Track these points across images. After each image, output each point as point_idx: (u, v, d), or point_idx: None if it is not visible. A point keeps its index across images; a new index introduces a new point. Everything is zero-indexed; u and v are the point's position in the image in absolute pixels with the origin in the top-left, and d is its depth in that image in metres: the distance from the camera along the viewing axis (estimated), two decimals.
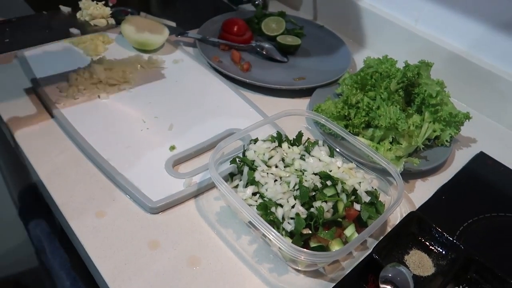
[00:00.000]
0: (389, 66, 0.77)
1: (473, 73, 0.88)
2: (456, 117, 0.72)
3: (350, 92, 0.75)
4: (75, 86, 0.73)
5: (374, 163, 0.64)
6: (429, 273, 0.55)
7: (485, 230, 0.63)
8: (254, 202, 0.55)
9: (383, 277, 0.51)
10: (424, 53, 0.91)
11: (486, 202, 0.68)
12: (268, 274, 0.53)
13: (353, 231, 0.54)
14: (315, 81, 0.86)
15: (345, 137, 0.66)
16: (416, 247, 0.58)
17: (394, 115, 0.69)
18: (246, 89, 0.84)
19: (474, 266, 0.55)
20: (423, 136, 0.72)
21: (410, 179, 0.70)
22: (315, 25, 1.07)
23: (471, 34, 0.88)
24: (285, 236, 0.52)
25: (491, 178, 0.74)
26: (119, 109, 0.72)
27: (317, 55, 0.97)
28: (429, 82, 0.75)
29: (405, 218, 0.59)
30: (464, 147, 0.79)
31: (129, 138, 0.66)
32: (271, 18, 1.02)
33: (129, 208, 0.57)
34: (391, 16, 1.00)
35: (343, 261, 0.56)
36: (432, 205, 0.66)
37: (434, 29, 0.94)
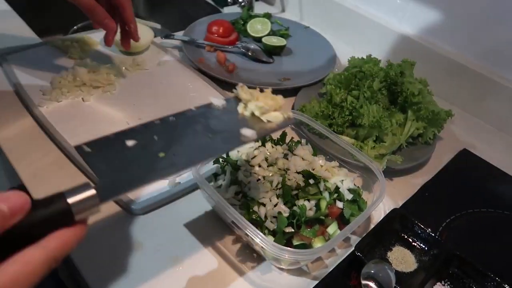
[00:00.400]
0: (373, 66, 0.78)
1: (456, 71, 0.89)
2: (438, 115, 0.73)
3: (334, 92, 0.76)
4: (59, 89, 0.73)
5: (357, 161, 0.65)
6: (412, 269, 0.55)
7: (467, 225, 0.64)
8: (237, 202, 0.55)
9: (365, 273, 0.51)
10: (408, 52, 0.92)
11: (469, 199, 0.69)
12: (251, 273, 0.53)
13: (336, 228, 0.55)
14: (300, 81, 0.86)
15: (329, 136, 0.66)
16: (399, 243, 0.58)
17: (377, 113, 0.70)
18: (230, 89, 0.84)
19: (455, 261, 0.55)
20: (406, 134, 0.73)
21: (394, 177, 0.71)
22: (300, 26, 1.08)
23: (454, 33, 0.90)
24: (267, 235, 0.52)
25: (474, 175, 0.75)
26: (103, 111, 0.71)
27: (302, 56, 0.97)
28: (412, 80, 0.76)
29: (388, 215, 0.59)
30: (447, 145, 0.80)
31: None
32: (257, 20, 1.02)
33: (112, 210, 0.57)
34: (375, 17, 1.01)
35: (326, 259, 0.56)
36: (416, 202, 0.66)
37: (417, 28, 0.95)
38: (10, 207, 0.28)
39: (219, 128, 0.46)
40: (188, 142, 0.43)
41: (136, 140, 0.41)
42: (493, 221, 0.66)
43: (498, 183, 0.73)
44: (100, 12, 0.64)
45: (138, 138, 0.41)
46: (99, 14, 0.64)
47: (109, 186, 0.34)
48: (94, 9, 0.63)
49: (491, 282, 0.53)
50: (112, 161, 0.38)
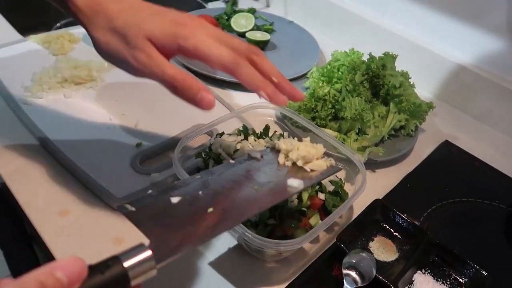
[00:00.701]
0: (355, 59, 0.79)
1: (437, 64, 0.90)
2: (420, 107, 0.74)
3: (317, 85, 0.77)
4: (40, 85, 0.72)
5: (340, 153, 0.65)
6: (393, 258, 0.56)
7: (448, 215, 0.65)
8: None
9: (346, 263, 0.51)
10: (391, 45, 0.93)
11: (450, 189, 0.70)
12: (234, 265, 0.53)
13: (318, 220, 0.55)
14: (284, 75, 0.86)
15: (312, 129, 0.66)
16: (381, 233, 0.59)
17: (359, 106, 0.70)
18: (215, 85, 0.84)
19: (435, 249, 0.56)
20: (388, 127, 0.73)
21: (377, 169, 0.72)
22: (285, 20, 1.08)
23: (436, 26, 0.91)
24: (249, 227, 0.52)
25: (455, 165, 0.76)
26: (85, 107, 0.71)
27: (286, 50, 0.98)
28: (394, 73, 0.76)
29: (370, 206, 0.60)
30: (429, 136, 0.81)
31: (95, 136, 0.65)
32: (241, 14, 1.02)
33: (93, 206, 0.57)
34: (359, 11, 1.02)
35: (309, 250, 0.57)
36: (398, 193, 0.67)
37: (400, 22, 0.96)
38: (68, 276, 0.26)
39: (264, 179, 0.46)
40: (235, 196, 0.42)
41: (181, 196, 0.39)
42: (473, 210, 0.67)
43: (478, 174, 0.75)
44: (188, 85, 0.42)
45: (183, 194, 0.40)
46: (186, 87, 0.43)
47: (163, 246, 0.33)
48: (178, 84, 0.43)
49: (469, 269, 0.54)
50: (160, 219, 0.36)
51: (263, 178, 0.47)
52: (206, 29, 0.44)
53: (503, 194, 0.70)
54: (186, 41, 0.42)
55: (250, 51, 0.45)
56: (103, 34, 0.43)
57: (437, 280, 0.54)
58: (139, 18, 0.43)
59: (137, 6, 0.44)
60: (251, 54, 0.45)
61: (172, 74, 0.42)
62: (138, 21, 0.42)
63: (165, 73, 0.42)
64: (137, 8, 0.44)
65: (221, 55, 0.42)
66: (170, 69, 0.42)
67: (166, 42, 0.42)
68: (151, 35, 0.42)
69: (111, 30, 0.43)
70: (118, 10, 0.43)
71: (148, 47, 0.42)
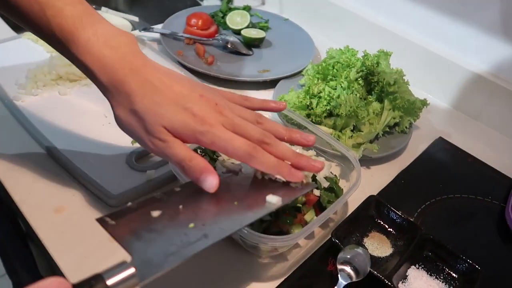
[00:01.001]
0: (350, 56, 0.79)
1: (431, 61, 0.91)
2: (414, 104, 0.75)
3: (312, 82, 0.77)
4: (34, 82, 0.72)
5: (335, 150, 0.66)
6: (387, 254, 0.57)
7: (441, 211, 0.66)
8: None
9: (341, 258, 0.52)
10: (386, 43, 0.93)
11: (444, 185, 0.70)
12: (229, 261, 0.53)
13: (313, 216, 0.55)
14: (279, 72, 0.87)
15: (307, 126, 0.67)
16: (375, 229, 0.60)
17: (354, 103, 0.71)
18: (211, 82, 0.84)
19: (429, 245, 0.57)
20: (383, 123, 0.74)
21: (371, 165, 0.72)
22: (280, 18, 1.08)
23: (430, 23, 0.91)
24: None
25: (449, 162, 0.77)
26: (80, 104, 0.71)
27: (281, 48, 0.98)
28: (388, 70, 0.77)
29: (364, 202, 0.60)
30: (423, 133, 0.82)
31: (90, 133, 0.65)
32: (236, 12, 1.02)
33: (89, 202, 0.57)
34: (354, 8, 1.02)
35: (304, 246, 0.57)
36: (392, 189, 0.68)
37: (394, 20, 0.97)
38: None
39: (243, 194, 0.46)
40: (214, 211, 0.42)
41: (161, 210, 0.39)
42: (466, 206, 0.67)
43: (472, 170, 0.75)
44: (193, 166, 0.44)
45: (163, 207, 0.39)
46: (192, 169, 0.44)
47: (145, 263, 0.32)
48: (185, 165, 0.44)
49: (463, 264, 0.54)
50: (141, 234, 0.35)
51: (242, 193, 0.46)
52: (224, 117, 0.46)
53: (496, 190, 0.71)
54: (203, 136, 0.44)
55: (261, 141, 0.47)
56: (124, 114, 0.45)
57: (431, 275, 0.55)
58: (159, 105, 0.44)
59: (160, 88, 0.45)
60: (262, 145, 0.47)
61: (182, 156, 0.44)
62: (157, 109, 0.44)
63: (175, 155, 0.44)
64: (158, 90, 0.45)
65: (236, 149, 0.44)
66: (180, 151, 0.44)
67: (184, 135, 0.44)
68: (170, 126, 0.44)
69: (132, 112, 0.44)
70: (140, 91, 0.44)
71: (165, 135, 0.44)
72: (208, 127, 0.44)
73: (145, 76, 0.45)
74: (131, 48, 0.46)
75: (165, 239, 0.36)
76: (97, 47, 0.44)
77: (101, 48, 0.44)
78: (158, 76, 0.46)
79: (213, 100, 0.47)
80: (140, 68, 0.45)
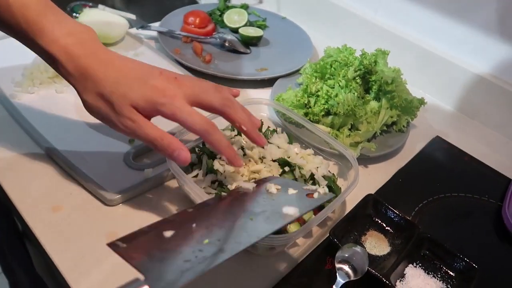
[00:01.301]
0: (348, 55, 0.79)
1: (429, 60, 0.91)
2: (411, 103, 0.75)
3: (310, 81, 0.77)
4: (31, 80, 0.71)
5: (332, 149, 0.66)
6: (385, 252, 0.57)
7: (439, 209, 0.66)
8: (213, 191, 0.55)
9: (339, 257, 0.52)
10: (383, 42, 0.93)
11: (441, 184, 0.71)
12: (227, 260, 0.53)
13: (311, 214, 0.55)
14: (277, 71, 0.87)
15: (305, 125, 0.67)
16: (373, 228, 0.60)
17: (352, 102, 0.71)
18: (209, 81, 0.83)
19: (426, 243, 0.57)
20: (380, 122, 0.74)
21: (369, 164, 0.72)
22: (278, 16, 1.08)
23: (427, 23, 0.91)
24: None
25: (446, 160, 0.77)
26: (77, 102, 0.70)
27: (279, 46, 0.98)
28: (386, 69, 0.77)
29: (362, 201, 0.60)
30: (420, 132, 0.82)
31: (88, 131, 0.65)
32: (234, 10, 1.02)
33: (86, 201, 0.57)
34: (352, 7, 1.02)
35: (302, 245, 0.57)
36: (390, 188, 0.68)
37: (392, 19, 0.97)
38: None
39: (258, 209, 0.46)
40: (230, 226, 0.42)
41: (174, 230, 0.38)
42: (463, 205, 0.68)
43: (469, 169, 0.76)
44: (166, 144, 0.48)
45: (176, 227, 0.39)
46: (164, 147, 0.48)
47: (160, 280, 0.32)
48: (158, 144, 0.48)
49: (460, 263, 0.55)
50: (154, 254, 0.35)
51: (257, 208, 0.46)
52: (184, 90, 0.50)
53: (493, 189, 0.71)
54: (164, 107, 0.48)
55: (223, 106, 0.52)
56: (92, 98, 0.48)
57: (428, 273, 0.55)
58: (123, 85, 0.48)
59: (121, 70, 0.49)
60: (224, 108, 0.52)
61: (153, 135, 0.48)
62: (123, 90, 0.47)
63: (147, 135, 0.48)
64: (120, 72, 0.48)
65: (194, 123, 0.48)
66: (151, 131, 0.48)
67: (148, 108, 0.48)
68: (135, 103, 0.48)
69: (100, 95, 0.48)
70: (104, 76, 0.48)
71: (133, 114, 0.48)
72: (168, 99, 0.48)
73: (107, 61, 0.48)
74: (92, 37, 0.50)
75: (179, 257, 0.36)
76: (61, 37, 0.47)
77: (65, 37, 0.47)
78: (119, 61, 0.49)
79: (173, 75, 0.51)
80: (101, 54, 0.49)
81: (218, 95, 0.52)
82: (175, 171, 0.54)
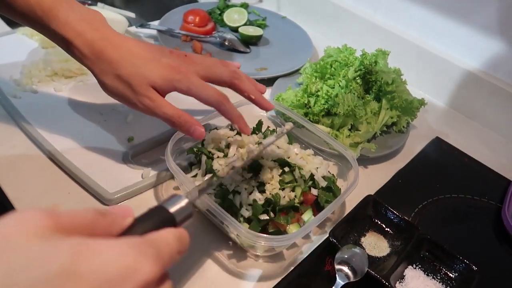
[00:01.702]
0: (348, 55, 0.79)
1: (429, 61, 0.91)
2: (411, 103, 0.75)
3: (310, 81, 0.77)
4: (29, 78, 0.71)
5: (332, 149, 0.66)
6: (385, 253, 0.57)
7: (438, 211, 0.66)
8: (212, 190, 0.55)
9: (338, 258, 0.52)
10: (383, 42, 0.93)
11: (441, 185, 0.70)
12: (227, 261, 0.53)
13: (311, 215, 0.55)
14: (277, 71, 0.87)
15: (305, 125, 0.66)
16: (372, 229, 0.60)
17: (352, 102, 0.71)
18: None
19: (426, 245, 0.57)
20: (380, 123, 0.74)
21: (369, 165, 0.72)
22: (278, 16, 1.08)
23: (427, 23, 0.91)
24: (242, 222, 0.52)
25: (446, 161, 0.77)
26: (76, 101, 0.70)
27: (279, 46, 0.97)
28: (386, 70, 0.77)
29: (362, 202, 0.60)
30: (420, 133, 0.82)
31: (86, 130, 0.65)
32: (233, 9, 1.02)
33: (85, 200, 0.56)
34: (351, 7, 1.02)
35: (301, 246, 0.57)
36: (389, 188, 0.68)
37: (392, 19, 0.97)
38: (120, 211, 0.30)
39: None
40: None
41: None
42: (463, 206, 0.68)
43: (468, 170, 0.75)
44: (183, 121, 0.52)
45: None
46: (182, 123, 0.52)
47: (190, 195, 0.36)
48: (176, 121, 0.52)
49: (459, 264, 0.54)
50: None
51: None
52: (196, 66, 0.54)
53: (492, 190, 0.71)
54: (180, 83, 0.52)
55: (232, 78, 0.56)
56: (110, 80, 0.51)
57: (428, 275, 0.55)
58: (140, 66, 0.51)
59: (135, 51, 0.52)
60: (233, 80, 0.57)
61: (171, 113, 0.52)
62: (139, 70, 0.50)
63: (165, 113, 0.52)
64: (135, 54, 0.51)
65: (208, 96, 0.53)
66: (169, 110, 0.52)
67: (165, 86, 0.52)
68: (153, 82, 0.51)
69: (117, 77, 0.51)
70: (119, 58, 0.50)
71: (151, 92, 0.51)
72: (183, 75, 0.52)
73: (120, 44, 0.51)
74: (102, 22, 0.52)
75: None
76: (76, 22, 0.50)
77: (79, 23, 0.50)
78: (131, 43, 0.52)
79: (182, 53, 0.55)
80: (113, 38, 0.51)
81: (226, 69, 0.56)
82: (174, 171, 0.53)
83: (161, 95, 0.52)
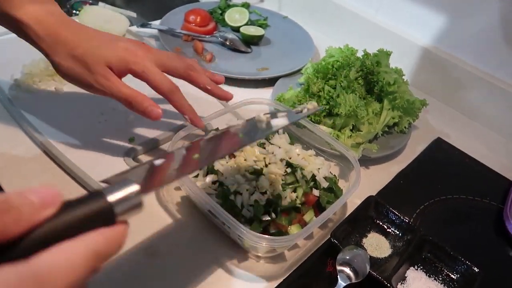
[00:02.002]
0: (349, 55, 0.79)
1: (431, 61, 0.91)
2: (413, 104, 0.74)
3: (311, 81, 0.76)
4: (30, 78, 0.70)
5: (334, 150, 0.65)
6: (386, 255, 0.57)
7: (440, 211, 0.65)
8: (213, 191, 0.55)
9: (340, 259, 0.52)
10: (385, 42, 0.92)
11: (442, 185, 0.70)
12: (228, 261, 0.53)
13: (312, 216, 0.55)
14: (278, 71, 0.86)
15: (306, 125, 0.66)
16: (374, 230, 0.59)
17: (354, 102, 0.70)
18: None
19: (428, 246, 0.56)
20: (382, 123, 0.73)
21: (370, 165, 0.72)
22: (279, 16, 1.08)
23: (428, 24, 0.91)
24: (244, 223, 0.52)
25: (447, 162, 0.77)
26: (76, 101, 0.70)
27: (280, 46, 0.97)
28: (388, 70, 0.76)
29: (363, 203, 0.60)
30: (422, 134, 0.82)
31: (87, 130, 0.64)
32: (235, 9, 1.01)
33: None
34: (353, 7, 1.02)
35: (303, 246, 0.57)
36: (391, 189, 0.68)
37: (393, 19, 0.97)
38: (41, 198, 0.24)
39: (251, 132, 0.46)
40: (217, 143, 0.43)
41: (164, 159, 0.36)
42: (465, 207, 0.67)
43: (470, 171, 0.75)
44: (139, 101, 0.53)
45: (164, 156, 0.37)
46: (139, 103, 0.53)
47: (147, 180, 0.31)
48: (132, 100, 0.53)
49: (461, 266, 0.54)
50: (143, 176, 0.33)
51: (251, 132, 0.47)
52: (152, 55, 0.55)
53: (494, 191, 0.71)
54: (135, 65, 0.53)
55: (187, 69, 0.58)
56: (64, 60, 0.51)
57: (430, 276, 0.55)
58: (96, 46, 0.51)
59: (91, 34, 0.53)
60: (188, 71, 0.58)
61: (127, 93, 0.52)
62: (95, 50, 0.51)
63: (121, 92, 0.52)
64: (92, 36, 0.53)
65: (161, 82, 0.54)
66: (125, 89, 0.52)
67: (120, 66, 0.52)
68: (108, 61, 0.51)
69: (72, 57, 0.51)
70: (77, 39, 0.51)
71: (107, 72, 0.52)
72: (140, 59, 0.53)
73: (78, 29, 0.52)
74: (57, 8, 0.53)
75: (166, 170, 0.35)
76: (30, 6, 0.50)
77: (34, 6, 0.50)
78: (89, 29, 0.54)
79: (140, 41, 0.56)
80: (71, 23, 0.53)
81: (182, 61, 0.58)
82: None
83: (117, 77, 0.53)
